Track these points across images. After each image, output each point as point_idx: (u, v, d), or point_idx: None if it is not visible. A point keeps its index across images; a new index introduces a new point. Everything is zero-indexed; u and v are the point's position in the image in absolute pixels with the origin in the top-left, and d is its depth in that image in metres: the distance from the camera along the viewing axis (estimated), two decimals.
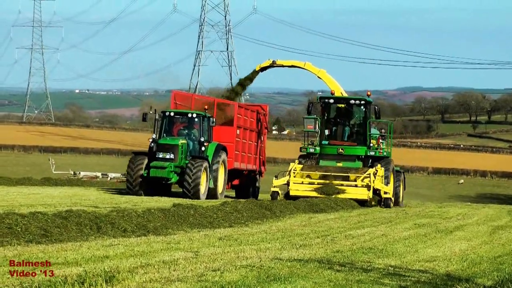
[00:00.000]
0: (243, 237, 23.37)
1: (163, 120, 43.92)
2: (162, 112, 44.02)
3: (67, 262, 16.52)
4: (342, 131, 47.17)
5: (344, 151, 46.10)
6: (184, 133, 44.31)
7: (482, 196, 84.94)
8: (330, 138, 46.83)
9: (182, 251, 19.39)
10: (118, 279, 14.58)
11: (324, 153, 46.51)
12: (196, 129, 44.09)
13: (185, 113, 44.56)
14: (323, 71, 55.81)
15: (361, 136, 46.66)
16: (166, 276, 15.39)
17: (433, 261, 19.57)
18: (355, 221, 31.80)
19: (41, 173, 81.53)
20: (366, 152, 45.97)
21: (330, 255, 19.89)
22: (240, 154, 49.30)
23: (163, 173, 41.91)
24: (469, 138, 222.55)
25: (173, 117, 44.31)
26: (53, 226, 21.32)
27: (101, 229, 22.33)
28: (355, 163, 45.75)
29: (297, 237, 24.05)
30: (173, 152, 42.35)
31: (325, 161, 46.23)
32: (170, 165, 41.94)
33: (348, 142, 46.71)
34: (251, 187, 51.70)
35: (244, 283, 14.98)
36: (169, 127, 44.09)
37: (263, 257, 18.77)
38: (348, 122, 47.51)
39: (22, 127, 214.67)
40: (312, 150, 46.30)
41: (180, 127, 44.57)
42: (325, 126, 46.89)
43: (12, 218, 21.15)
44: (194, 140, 43.82)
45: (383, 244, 23.13)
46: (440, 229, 29.37)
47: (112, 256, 17.84)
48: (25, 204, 30.34)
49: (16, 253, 17.55)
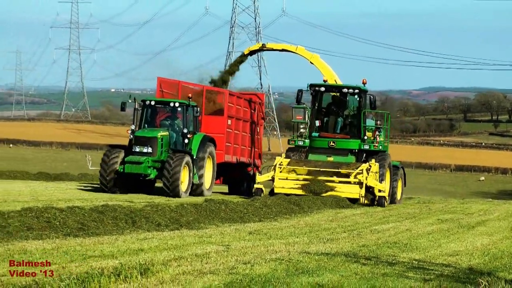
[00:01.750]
0: (272, 232, 23.37)
1: (144, 110, 38.16)
2: (142, 101, 38.11)
3: (103, 255, 16.56)
4: (335, 122, 41.43)
5: (335, 144, 40.60)
6: (167, 124, 38.40)
7: (503, 193, 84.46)
8: (321, 130, 41.28)
9: (214, 244, 19.41)
10: (153, 271, 14.61)
11: (314, 146, 40.88)
12: (180, 120, 38.30)
13: (167, 102, 38.57)
14: (316, 56, 49.82)
15: (355, 128, 41.06)
16: (198, 268, 15.41)
17: (456, 256, 19.51)
18: (380, 216, 31.75)
19: (78, 169, 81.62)
20: (360, 146, 40.57)
21: (356, 249, 19.87)
22: (232, 147, 43.43)
23: (138, 169, 36.13)
24: (491, 137, 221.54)
25: (154, 107, 38.40)
26: (90, 220, 21.38)
27: (136, 223, 22.38)
28: (347, 157, 40.29)
29: (324, 232, 24.03)
30: (151, 145, 36.55)
31: (315, 155, 40.55)
32: (148, 159, 36.23)
33: (340, 135, 41.03)
34: (245, 182, 45.50)
35: (273, 275, 14.98)
36: (151, 118, 38.32)
37: (292, 250, 18.77)
38: (341, 112, 41.66)
39: (60, 125, 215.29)
40: (301, 143, 40.68)
41: (163, 118, 38.72)
42: (316, 117, 41.27)
43: (50, 212, 21.23)
44: (178, 131, 37.96)
45: (407, 238, 23.08)
46: (463, 224, 29.28)
47: (147, 249, 17.88)
48: (62, 198, 30.48)
49: (54, 246, 17.61)
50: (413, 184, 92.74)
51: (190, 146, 37.65)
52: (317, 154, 40.37)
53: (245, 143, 45.43)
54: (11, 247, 17.01)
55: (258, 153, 47.64)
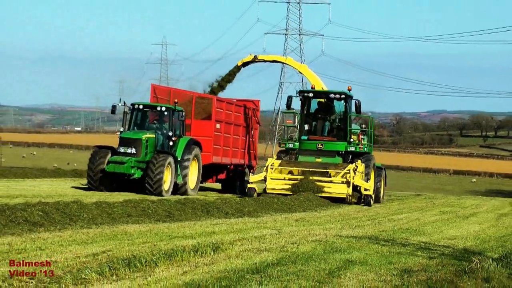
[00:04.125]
0: (313, 219, 23.33)
1: (133, 113, 32.41)
2: (132, 104, 32.27)
3: (185, 236, 16.59)
4: (322, 126, 36.12)
5: (323, 147, 35.26)
6: (154, 127, 32.62)
7: (490, 191, 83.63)
8: (309, 133, 35.82)
9: (269, 229, 19.39)
10: (222, 249, 14.63)
11: (304, 148, 35.51)
12: (167, 123, 32.60)
13: (154, 106, 32.74)
14: (304, 66, 43.66)
15: (341, 131, 35.64)
16: (257, 247, 15.40)
17: (454, 239, 19.37)
18: (395, 208, 31.63)
19: None
20: (346, 148, 35.15)
21: (377, 233, 19.77)
22: (222, 149, 36.75)
23: (121, 168, 30.39)
24: (481, 148, 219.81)
25: (142, 110, 32.60)
26: (175, 209, 21.49)
27: (210, 212, 22.45)
28: (334, 158, 34.98)
29: (353, 220, 23.95)
30: (136, 146, 30.95)
31: (304, 156, 35.19)
32: (131, 160, 30.53)
33: (327, 137, 35.68)
34: (238, 181, 38.44)
35: (314, 253, 14.94)
36: (140, 121, 32.59)
37: (328, 234, 18.70)
38: (328, 117, 36.19)
39: None
40: (291, 145, 35.43)
41: (152, 121, 32.96)
42: (305, 121, 35.87)
43: (145, 203, 21.38)
44: (165, 134, 32.28)
45: (416, 226, 22.94)
46: (459, 215, 29.09)
47: (217, 232, 17.90)
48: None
49: (148, 228, 17.68)
50: (421, 184, 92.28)
51: (176, 148, 32.21)
52: (306, 156, 35.13)
53: (238, 146, 38.88)
54: (115, 229, 17.12)
55: (254, 154, 40.88)
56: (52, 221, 17.12)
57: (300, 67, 43.22)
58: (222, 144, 36.70)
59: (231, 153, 37.86)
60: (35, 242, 14.26)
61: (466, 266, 13.76)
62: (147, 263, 12.41)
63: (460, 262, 14.52)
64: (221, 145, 36.55)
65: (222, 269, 12.51)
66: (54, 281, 10.83)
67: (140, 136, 31.18)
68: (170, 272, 12.06)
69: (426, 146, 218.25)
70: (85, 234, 15.79)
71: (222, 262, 13.19)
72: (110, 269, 11.75)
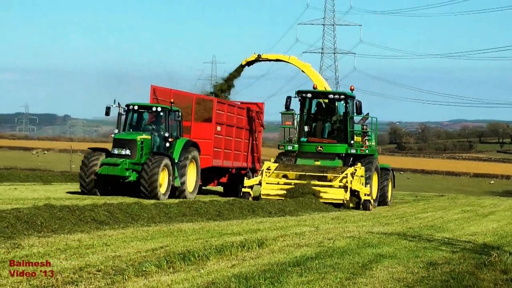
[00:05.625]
0: (347, 218, 23.23)
1: (128, 114, 28.15)
2: (126, 105, 28.03)
3: (233, 233, 16.60)
4: (322, 127, 31.49)
5: (323, 149, 30.72)
6: (150, 128, 28.27)
7: (507, 192, 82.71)
8: (309, 135, 31.33)
9: (307, 226, 19.35)
10: (266, 244, 14.60)
11: (303, 151, 31.02)
12: (163, 124, 28.30)
13: (150, 107, 28.41)
14: (308, 65, 38.25)
15: (342, 133, 31.05)
16: (297, 242, 15.37)
17: (474, 235, 19.17)
18: (421, 208, 31.36)
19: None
20: (347, 150, 30.63)
21: (405, 230, 19.63)
22: (223, 152, 32.27)
23: (115, 170, 26.24)
24: (498, 154, 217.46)
25: (137, 111, 28.31)
26: (224, 209, 21.50)
27: (255, 211, 22.44)
28: (334, 161, 30.54)
29: (383, 218, 23.81)
30: (130, 148, 26.80)
31: (303, 159, 30.80)
32: (125, 161, 26.40)
33: (327, 139, 31.10)
34: (240, 185, 31.67)
35: (348, 248, 14.88)
36: (136, 122, 28.35)
37: (361, 231, 18.61)
38: (329, 118, 31.55)
39: None
40: (290, 147, 30.94)
41: (149, 122, 28.65)
42: (305, 122, 31.36)
43: (197, 203, 21.46)
44: (161, 135, 28.12)
45: (440, 223, 22.75)
46: (479, 213, 28.80)
47: (262, 229, 17.89)
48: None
49: (200, 226, 17.72)
50: (444, 186, 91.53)
51: (173, 150, 28.02)
52: (305, 159, 30.79)
53: (240, 149, 34.24)
54: (171, 227, 17.18)
55: (257, 158, 36.06)
56: (116, 220, 17.24)
57: (303, 66, 38.09)
58: (223, 147, 32.35)
59: (233, 156, 33.53)
60: (102, 238, 14.37)
61: (486, 259, 13.67)
62: (200, 257, 12.44)
63: (480, 256, 14.39)
64: (222, 148, 32.21)
65: (266, 262, 12.51)
66: (118, 273, 10.90)
67: (135, 137, 27.12)
68: (220, 265, 12.08)
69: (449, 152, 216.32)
70: (145, 232, 15.87)
71: (266, 256, 13.18)
72: (167, 263, 11.80)
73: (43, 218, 15.48)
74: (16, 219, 14.92)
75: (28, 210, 15.87)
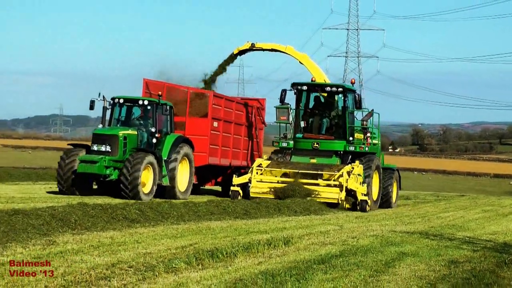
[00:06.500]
0: (371, 217, 23.13)
1: (113, 108, 25.23)
2: (112, 99, 25.10)
3: (260, 231, 16.60)
4: (320, 123, 28.12)
5: (319, 146, 27.59)
6: (137, 123, 25.28)
7: None
8: (305, 131, 28.14)
9: (332, 225, 19.30)
10: (292, 242, 14.60)
11: (299, 147, 27.90)
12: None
13: (136, 100, 25.31)
14: (305, 56, 34.01)
15: (340, 129, 27.82)
16: (322, 241, 15.33)
17: (495, 234, 19.02)
18: (442, 207, 31.17)
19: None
20: (345, 148, 27.50)
21: (427, 229, 19.52)
22: (220, 149, 28.98)
23: (92, 168, 23.24)
24: None
25: (123, 105, 25.38)
26: (251, 208, 21.50)
27: (281, 210, 22.41)
28: (331, 159, 27.41)
29: (405, 217, 23.69)
30: (111, 144, 23.81)
31: (298, 156, 27.67)
32: (104, 159, 23.35)
33: (324, 136, 27.81)
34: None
35: (372, 246, 14.82)
36: (126, 117, 25.48)
37: (384, 230, 18.54)
38: (327, 113, 28.25)
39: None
40: (285, 144, 27.85)
41: (138, 117, 25.64)
42: (302, 118, 28.24)
43: (225, 202, 21.51)
44: (149, 131, 25.20)
45: (461, 222, 22.60)
46: (499, 213, 28.57)
47: (288, 227, 17.87)
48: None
49: (228, 224, 17.73)
50: (465, 186, 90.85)
51: (162, 146, 25.18)
52: (300, 156, 27.69)
53: (239, 146, 30.82)
54: (200, 225, 17.21)
55: (258, 156, 31.34)
56: (147, 218, 17.31)
57: (301, 57, 33.95)
58: (221, 144, 29.11)
59: (231, 154, 30.10)
60: (133, 236, 14.43)
61: (506, 258, 13.58)
62: (227, 255, 12.46)
63: (500, 255, 14.28)
64: (219, 145, 28.99)
65: (292, 259, 12.50)
66: (149, 269, 10.94)
67: (116, 132, 24.16)
68: (248, 262, 12.09)
69: (469, 153, 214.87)
70: (175, 229, 15.92)
71: (292, 254, 13.17)
72: (196, 260, 11.83)
73: (77, 216, 15.60)
74: (51, 217, 15.05)
75: (63, 208, 16.00)
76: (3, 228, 13.47)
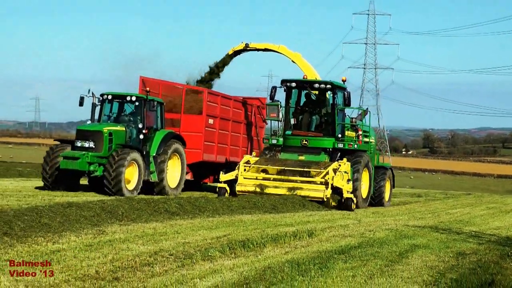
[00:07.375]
0: (386, 212, 23.00)
1: (103, 105, 23.21)
2: (101, 95, 23.12)
3: (286, 224, 16.57)
4: (309, 120, 25.69)
5: (308, 143, 25.17)
6: (126, 119, 23.16)
7: None
8: (295, 128, 25.67)
9: (351, 219, 19.22)
10: (316, 234, 14.57)
11: (288, 145, 25.48)
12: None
13: (124, 96, 23.01)
14: (298, 55, 31.51)
15: (329, 126, 25.30)
16: (342, 233, 15.28)
17: (498, 229, 18.85)
18: (451, 204, 30.92)
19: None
20: (334, 145, 24.92)
21: (437, 224, 19.38)
22: (216, 146, 26.78)
23: (74, 164, 21.18)
24: None
25: (111, 101, 23.30)
26: (279, 203, 21.41)
27: (305, 206, 22.28)
28: (320, 156, 24.98)
29: (417, 213, 23.53)
30: (94, 139, 21.76)
31: (287, 153, 25.32)
32: (87, 155, 21.28)
33: (313, 133, 25.36)
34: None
35: (387, 238, 14.75)
36: (117, 113, 23.38)
37: (398, 224, 18.43)
38: (318, 110, 25.73)
39: None
40: (275, 141, 25.45)
41: (128, 113, 23.42)
42: (292, 115, 25.78)
43: (255, 198, 21.44)
44: (137, 127, 23.09)
45: (468, 218, 22.41)
46: (502, 210, 28.28)
47: (311, 221, 17.82)
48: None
49: (257, 218, 17.70)
50: (471, 185, 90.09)
51: (150, 143, 23.09)
52: (289, 153, 25.36)
53: (238, 144, 28.56)
54: (233, 218, 17.21)
55: (258, 154, 27.14)
56: (185, 211, 17.35)
57: (294, 56, 31.60)
58: (217, 141, 26.91)
59: (229, 151, 27.84)
60: (173, 227, 14.48)
61: (509, 250, 13.47)
62: (257, 245, 12.47)
63: (503, 248, 14.15)
64: (215, 142, 26.80)
65: (315, 250, 12.47)
66: (187, 257, 10.98)
67: (101, 128, 22.10)
68: (275, 252, 12.08)
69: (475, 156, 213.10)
70: (210, 222, 15.94)
71: (315, 245, 13.14)
72: (230, 249, 11.85)
73: (124, 209, 15.69)
74: (101, 209, 15.15)
75: (111, 201, 16.11)
76: (59, 219, 13.59)
